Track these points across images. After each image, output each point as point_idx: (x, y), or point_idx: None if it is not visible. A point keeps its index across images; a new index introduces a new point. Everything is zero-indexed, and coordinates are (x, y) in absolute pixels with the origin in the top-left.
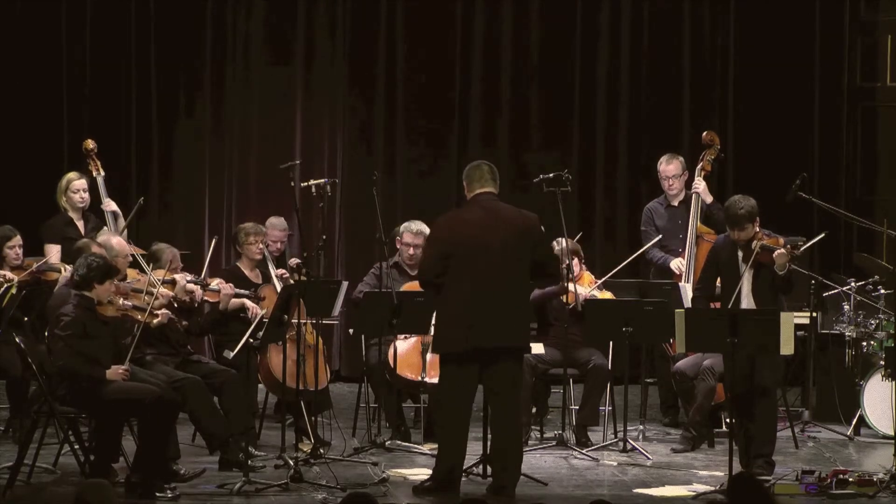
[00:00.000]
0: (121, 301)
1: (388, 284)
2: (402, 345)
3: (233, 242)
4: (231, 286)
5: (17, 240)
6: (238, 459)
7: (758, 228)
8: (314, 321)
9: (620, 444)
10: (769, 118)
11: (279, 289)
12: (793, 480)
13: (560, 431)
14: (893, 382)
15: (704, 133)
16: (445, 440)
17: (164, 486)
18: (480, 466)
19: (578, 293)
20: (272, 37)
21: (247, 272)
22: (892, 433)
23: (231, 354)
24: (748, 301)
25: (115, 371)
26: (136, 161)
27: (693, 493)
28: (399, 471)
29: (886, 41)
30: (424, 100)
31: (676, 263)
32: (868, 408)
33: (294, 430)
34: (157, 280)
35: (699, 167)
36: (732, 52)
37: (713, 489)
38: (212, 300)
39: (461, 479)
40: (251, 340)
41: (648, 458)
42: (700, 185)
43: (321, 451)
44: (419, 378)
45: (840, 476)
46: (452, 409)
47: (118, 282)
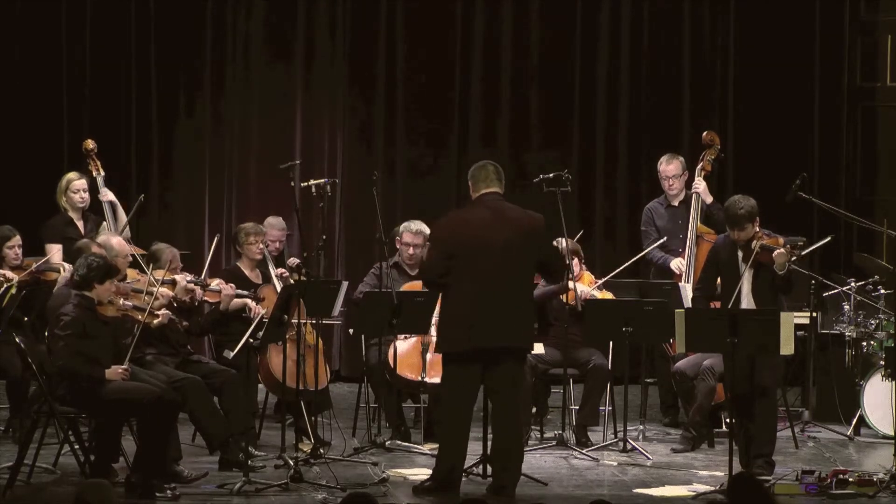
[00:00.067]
0: (121, 301)
1: (388, 284)
2: (402, 345)
3: (233, 242)
4: (232, 287)
5: (17, 240)
6: (238, 459)
7: (758, 228)
8: (314, 321)
9: (620, 444)
10: (769, 118)
11: (279, 289)
12: (793, 480)
13: (560, 431)
14: (893, 382)
15: (704, 133)
16: (446, 440)
17: (164, 486)
18: (480, 466)
19: (579, 291)
20: (272, 37)
21: (247, 272)
22: (892, 433)
23: (231, 354)
24: (748, 301)
25: (115, 371)
26: (136, 161)
27: (693, 493)
28: (399, 471)
29: (886, 41)
30: (424, 100)
31: (676, 263)
32: (868, 408)
33: (294, 430)
34: (157, 280)
35: (699, 167)
36: (732, 52)
37: (713, 489)
38: (212, 300)
39: (461, 479)
40: (251, 340)
41: (648, 458)
42: (700, 185)
43: (321, 451)
44: (419, 378)
45: (840, 476)
46: (454, 409)
47: (118, 282)
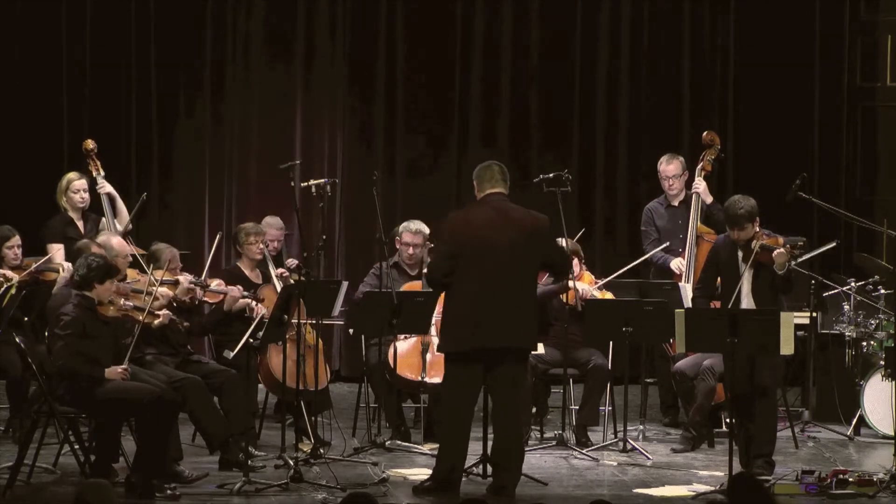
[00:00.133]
0: (121, 301)
1: (388, 284)
2: (402, 345)
3: (233, 242)
4: (239, 288)
5: (16, 240)
6: (238, 459)
7: (757, 228)
8: (314, 321)
9: (620, 444)
10: (769, 118)
11: (279, 289)
12: (793, 480)
13: (560, 431)
14: (893, 382)
15: (704, 133)
16: (447, 440)
17: (165, 486)
18: (480, 466)
19: (580, 290)
20: (272, 37)
21: (247, 272)
22: (892, 433)
23: (231, 354)
24: (748, 301)
25: (114, 371)
26: (136, 161)
27: (693, 493)
28: (399, 471)
29: (886, 41)
30: (424, 100)
31: (676, 263)
32: (868, 408)
33: (294, 430)
34: (157, 280)
35: (699, 167)
36: (732, 52)
37: (713, 489)
38: (212, 300)
39: (461, 479)
40: (251, 340)
41: (648, 458)
42: (700, 186)
43: (321, 451)
44: (419, 378)
45: (840, 476)
46: (455, 409)
47: (118, 282)
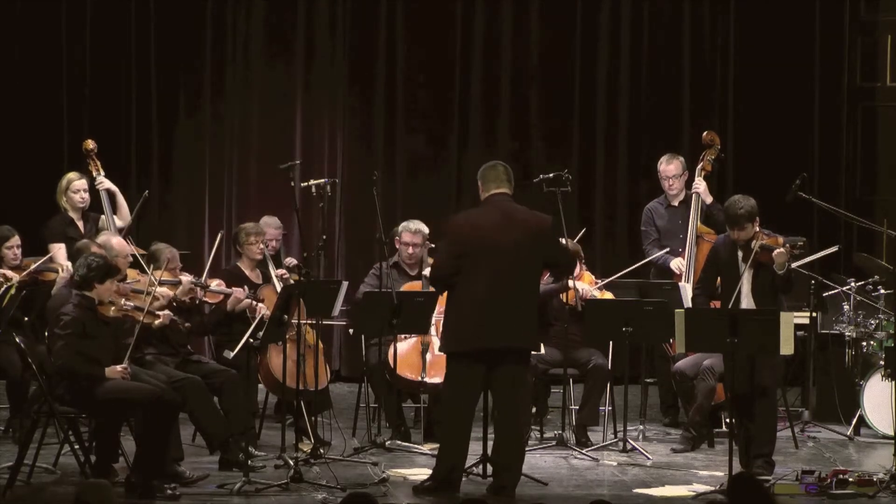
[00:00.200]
0: (122, 301)
1: (388, 284)
2: (402, 345)
3: (233, 242)
4: (242, 290)
5: (16, 240)
6: (238, 459)
7: (757, 228)
8: (314, 322)
9: (620, 444)
10: (769, 118)
11: (279, 289)
12: (793, 480)
13: (560, 431)
14: (893, 382)
15: (705, 133)
16: (447, 440)
17: (164, 486)
18: (480, 466)
19: (580, 290)
20: (272, 37)
21: (247, 272)
22: (892, 433)
23: (231, 354)
24: (748, 301)
25: (115, 370)
26: (136, 161)
27: (693, 493)
28: (399, 471)
29: (886, 41)
30: (424, 100)
31: (676, 263)
32: (868, 408)
33: (294, 430)
34: (157, 280)
35: (699, 167)
36: (732, 52)
37: (713, 489)
38: (212, 301)
39: (461, 479)
40: (251, 340)
41: (648, 458)
42: (700, 186)
43: (321, 451)
44: (419, 378)
45: (840, 476)
46: (456, 409)
47: (119, 282)
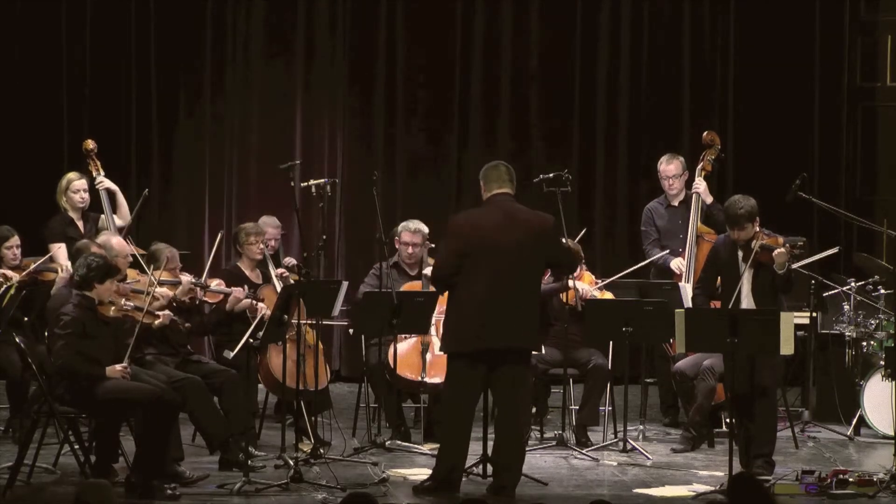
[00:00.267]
0: (122, 301)
1: (388, 284)
2: (402, 345)
3: (233, 242)
4: (242, 290)
5: (15, 240)
6: (238, 459)
7: (758, 228)
8: (314, 321)
9: (620, 444)
10: (769, 118)
11: (279, 289)
12: (793, 480)
13: (560, 431)
14: (893, 382)
15: (705, 133)
16: (447, 440)
17: (165, 486)
18: (480, 466)
19: (580, 290)
20: (272, 37)
21: (247, 272)
22: (892, 433)
23: (231, 354)
24: (748, 301)
25: (115, 369)
26: (136, 161)
27: (693, 493)
28: (399, 471)
29: (886, 41)
30: (424, 100)
31: (676, 263)
32: (868, 408)
33: (294, 430)
34: (157, 280)
35: (699, 167)
36: (732, 52)
37: (713, 489)
38: (212, 301)
39: (461, 479)
40: (251, 340)
41: (648, 458)
42: (700, 186)
43: (321, 451)
44: (419, 378)
45: (840, 476)
46: (456, 409)
47: (119, 283)
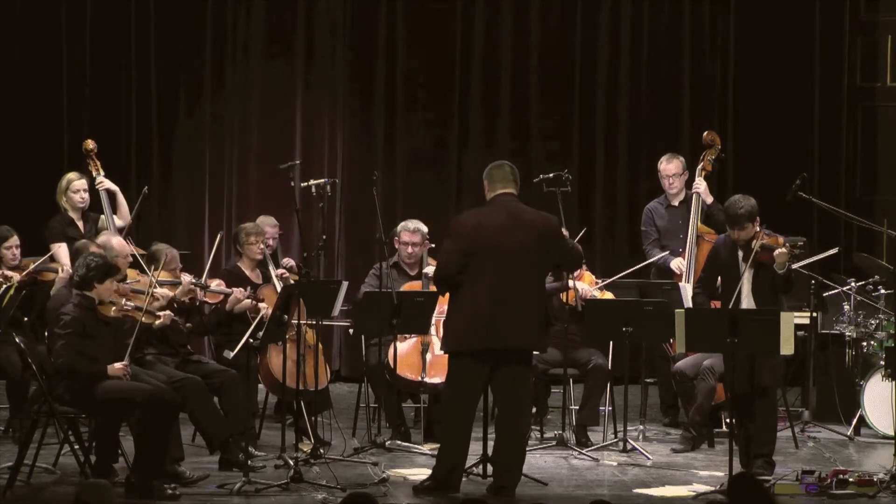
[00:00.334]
0: (122, 302)
1: (388, 285)
2: (402, 345)
3: (233, 242)
4: (242, 290)
5: (14, 240)
6: (238, 459)
7: (758, 228)
8: (314, 322)
9: (620, 444)
10: (769, 118)
11: (279, 289)
12: (793, 480)
13: (560, 431)
14: (893, 382)
15: (705, 133)
16: (448, 439)
17: (165, 486)
18: (480, 466)
19: (580, 290)
20: (272, 37)
21: (247, 272)
22: (892, 433)
23: (231, 354)
24: (748, 301)
25: (115, 367)
26: (136, 161)
27: (693, 493)
28: (399, 471)
29: (886, 41)
30: (424, 100)
31: (677, 263)
32: (868, 408)
33: (294, 430)
34: (158, 281)
35: (700, 167)
36: (732, 52)
37: (713, 489)
38: (212, 301)
39: (461, 479)
40: (251, 340)
41: (648, 458)
42: (701, 186)
43: (321, 451)
44: (419, 378)
45: (840, 476)
46: (457, 408)
47: (119, 283)
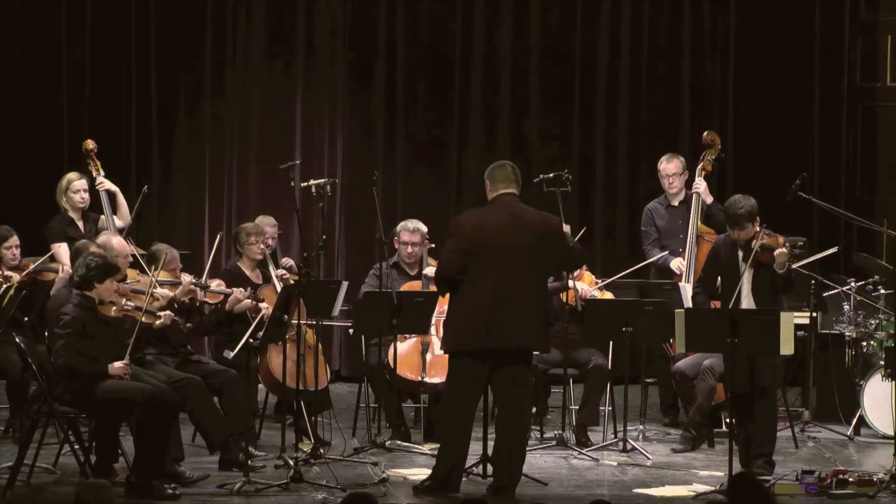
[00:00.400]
0: (122, 302)
1: (388, 285)
2: (403, 345)
3: (234, 242)
4: (242, 291)
5: (14, 240)
6: (238, 459)
7: (758, 228)
8: (314, 322)
9: (620, 444)
10: (769, 118)
11: (279, 289)
12: (793, 480)
13: (560, 431)
14: (893, 382)
15: (705, 133)
16: (448, 439)
17: (165, 486)
18: (480, 466)
19: (580, 290)
20: (272, 37)
21: (247, 272)
22: (892, 433)
23: (231, 354)
24: (748, 301)
25: (115, 366)
26: (136, 161)
27: (693, 493)
28: (399, 471)
29: (886, 41)
30: (424, 99)
31: (677, 263)
32: (868, 408)
33: (294, 430)
34: (157, 280)
35: (700, 167)
36: (732, 52)
37: (713, 489)
38: (212, 301)
39: (462, 479)
40: (251, 340)
41: (648, 458)
42: (701, 186)
43: (321, 451)
44: (419, 378)
45: (840, 476)
46: (457, 408)
47: (119, 283)
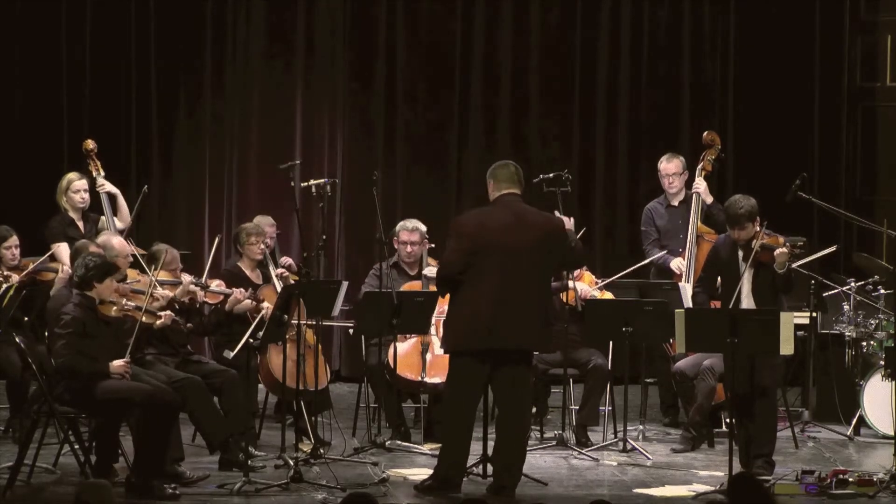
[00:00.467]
0: (122, 301)
1: (388, 285)
2: (402, 345)
3: (234, 242)
4: (242, 292)
5: (14, 240)
6: (238, 459)
7: (758, 227)
8: (314, 322)
9: (620, 444)
10: (769, 118)
11: (279, 289)
12: (793, 480)
13: (560, 431)
14: (893, 382)
15: (705, 133)
16: (448, 439)
17: (165, 486)
18: (480, 466)
19: (580, 290)
20: (272, 36)
21: (247, 272)
22: (892, 433)
23: (231, 354)
24: (748, 301)
25: (116, 365)
26: (136, 161)
27: (693, 493)
28: (399, 471)
29: (886, 41)
30: (424, 99)
31: (677, 263)
32: (868, 408)
33: (294, 430)
34: (157, 281)
35: (700, 167)
36: (732, 52)
37: (713, 489)
38: (212, 301)
39: (462, 479)
40: (251, 340)
41: (648, 458)
42: (701, 186)
43: (321, 451)
44: (419, 378)
45: (840, 476)
46: (458, 407)
47: (119, 283)
